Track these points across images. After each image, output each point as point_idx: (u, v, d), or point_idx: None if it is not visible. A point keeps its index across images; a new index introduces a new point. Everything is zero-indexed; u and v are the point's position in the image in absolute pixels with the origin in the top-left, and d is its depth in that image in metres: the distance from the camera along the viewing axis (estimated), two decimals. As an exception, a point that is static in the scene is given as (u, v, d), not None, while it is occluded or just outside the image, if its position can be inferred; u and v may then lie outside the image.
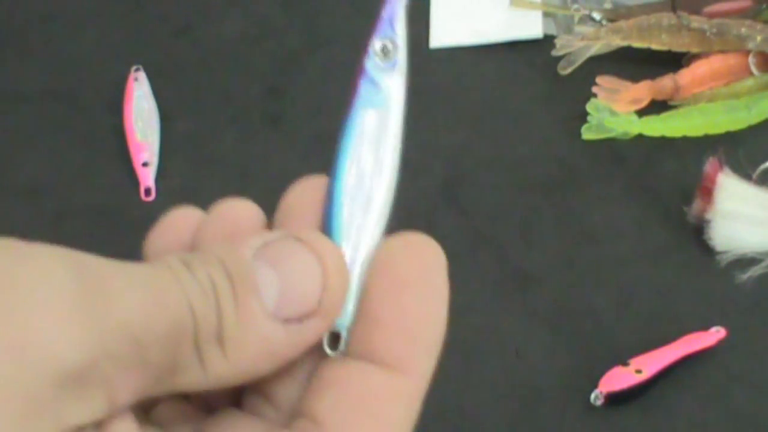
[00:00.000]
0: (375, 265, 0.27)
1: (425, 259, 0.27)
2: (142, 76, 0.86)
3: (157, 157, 0.82)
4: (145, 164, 0.81)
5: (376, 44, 0.30)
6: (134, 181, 0.81)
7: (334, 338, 0.27)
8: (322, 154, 0.27)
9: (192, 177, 0.82)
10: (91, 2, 0.95)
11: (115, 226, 0.79)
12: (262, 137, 0.84)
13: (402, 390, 0.26)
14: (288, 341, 0.25)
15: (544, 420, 0.68)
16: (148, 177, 0.81)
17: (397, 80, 0.30)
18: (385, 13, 0.30)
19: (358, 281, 0.27)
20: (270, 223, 0.29)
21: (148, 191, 0.81)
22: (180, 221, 0.29)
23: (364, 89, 0.30)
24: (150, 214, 0.85)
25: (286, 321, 0.25)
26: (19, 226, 0.80)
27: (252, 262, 0.25)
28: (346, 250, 0.28)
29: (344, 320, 0.27)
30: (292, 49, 0.90)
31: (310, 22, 0.92)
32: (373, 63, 0.30)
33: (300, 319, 0.25)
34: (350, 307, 0.27)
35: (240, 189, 0.81)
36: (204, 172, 0.82)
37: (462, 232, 0.77)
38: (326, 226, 0.28)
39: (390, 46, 0.30)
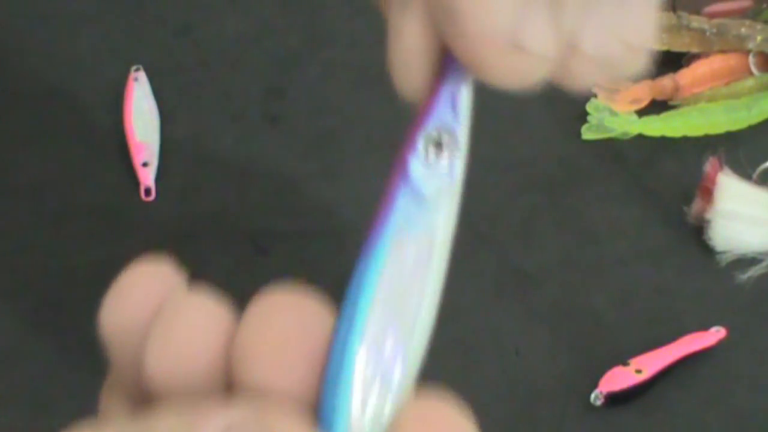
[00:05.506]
0: None
1: None
2: (142, 76, 0.86)
3: (157, 157, 0.82)
4: (145, 164, 0.81)
5: (427, 134, 0.19)
6: (134, 181, 0.81)
7: None
8: (322, 154, 0.26)
9: (192, 177, 0.82)
10: (91, 2, 0.94)
11: (115, 226, 0.79)
12: (262, 137, 0.84)
13: None
14: None
15: (543, 420, 0.68)
16: (148, 177, 0.81)
17: (449, 191, 0.19)
18: (445, 91, 0.18)
19: None
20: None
21: (148, 191, 0.81)
22: (140, 289, 0.24)
23: (402, 201, 0.19)
24: (150, 214, 0.85)
25: None
26: (20, 225, 0.80)
27: None
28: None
29: None
30: (292, 49, 0.90)
31: (310, 22, 0.91)
32: (419, 162, 0.19)
33: None
34: None
35: (240, 189, 0.81)
36: (204, 172, 0.82)
37: (462, 232, 0.77)
38: (326, 400, 0.18)
39: (447, 139, 0.20)
